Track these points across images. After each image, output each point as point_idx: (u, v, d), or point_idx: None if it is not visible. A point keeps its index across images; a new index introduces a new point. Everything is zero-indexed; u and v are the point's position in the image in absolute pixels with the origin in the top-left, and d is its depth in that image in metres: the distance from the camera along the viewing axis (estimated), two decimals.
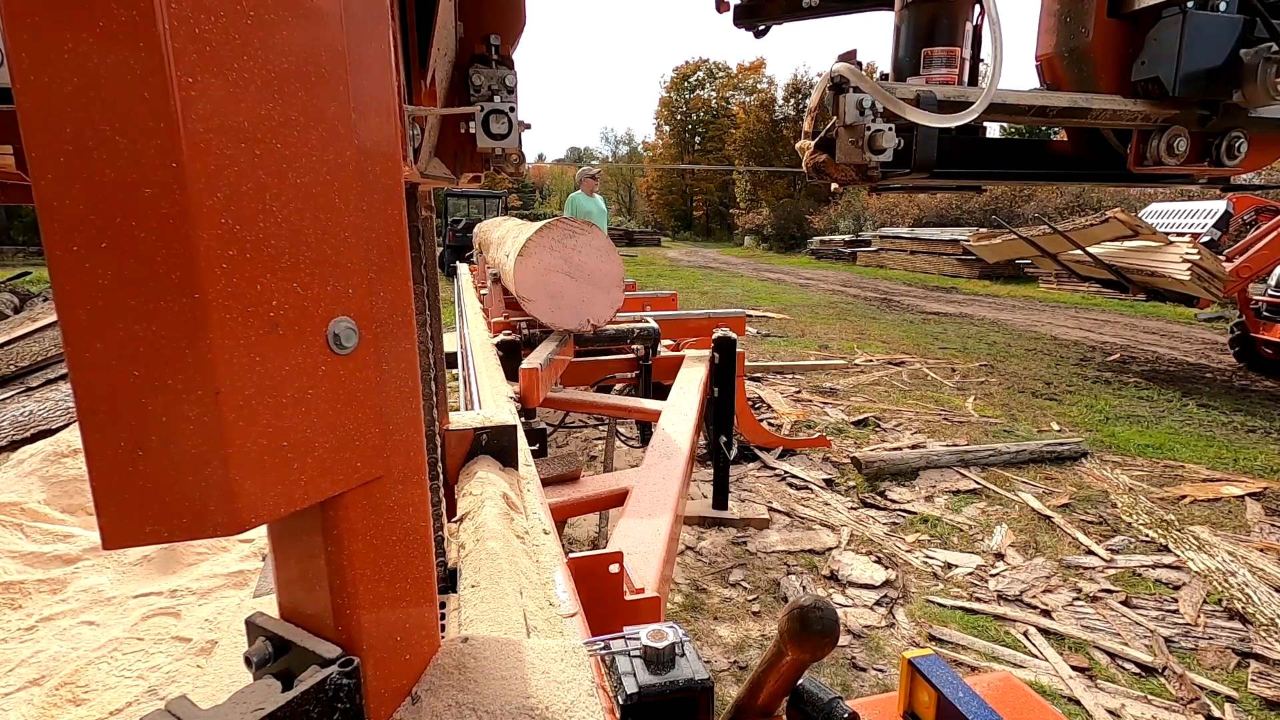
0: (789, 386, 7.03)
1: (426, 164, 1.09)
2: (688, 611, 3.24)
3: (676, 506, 1.85)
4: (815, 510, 4.27)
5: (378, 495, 0.59)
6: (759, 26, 2.36)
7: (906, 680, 0.84)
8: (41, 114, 0.40)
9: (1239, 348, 7.65)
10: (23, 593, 1.29)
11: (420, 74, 0.97)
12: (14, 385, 3.54)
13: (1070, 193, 17.75)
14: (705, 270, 20.85)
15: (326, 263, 0.51)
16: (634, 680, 0.68)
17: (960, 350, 8.97)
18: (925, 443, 5.34)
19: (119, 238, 0.42)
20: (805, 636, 0.72)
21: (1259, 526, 3.99)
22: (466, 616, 0.86)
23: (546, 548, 1.11)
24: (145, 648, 1.12)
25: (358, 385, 0.54)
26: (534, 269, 3.04)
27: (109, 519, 0.44)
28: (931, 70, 1.53)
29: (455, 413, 1.54)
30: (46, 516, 1.55)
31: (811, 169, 1.52)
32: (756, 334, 9.99)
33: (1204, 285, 6.82)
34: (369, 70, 0.53)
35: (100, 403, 0.43)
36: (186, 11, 0.41)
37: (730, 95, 48.22)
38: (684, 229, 48.46)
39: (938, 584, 3.46)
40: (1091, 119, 1.56)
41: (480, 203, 20.75)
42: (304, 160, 0.48)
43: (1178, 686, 2.68)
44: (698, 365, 3.55)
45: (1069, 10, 1.61)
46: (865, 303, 13.68)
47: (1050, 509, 4.20)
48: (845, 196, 26.64)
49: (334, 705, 0.56)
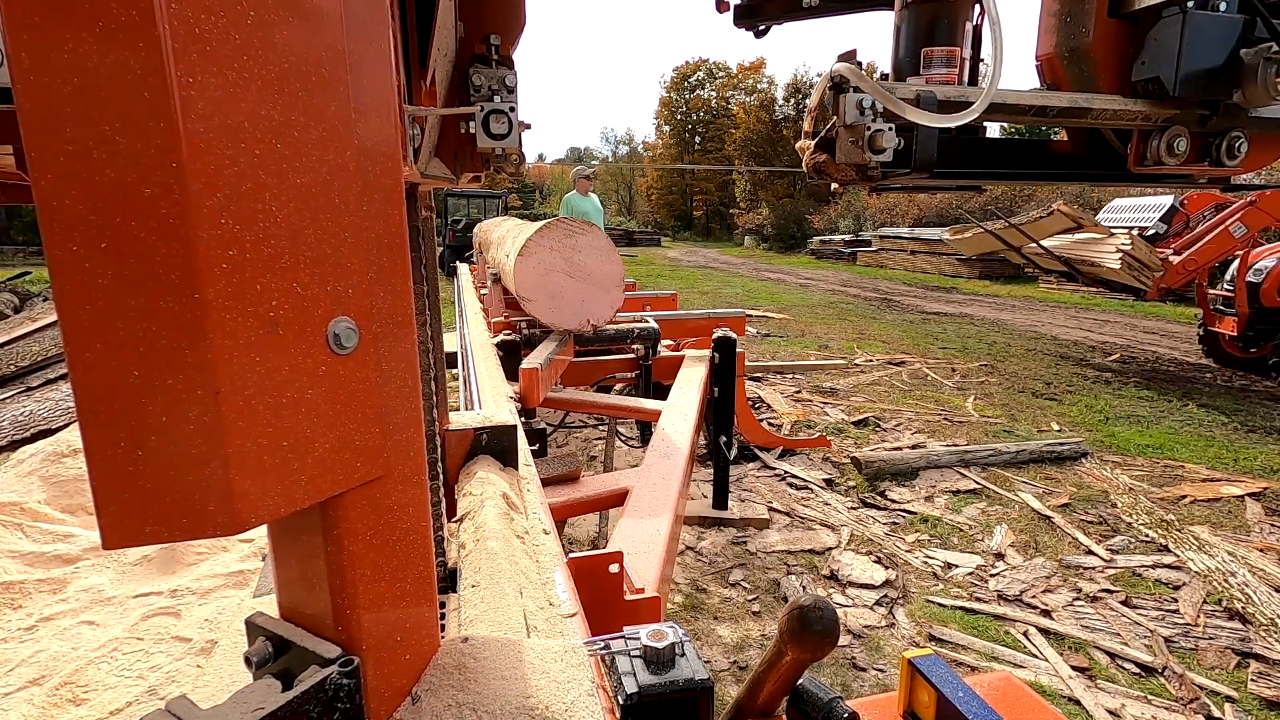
0: (789, 386, 7.03)
1: (426, 164, 1.09)
2: (688, 611, 3.24)
3: (676, 506, 1.85)
4: (815, 510, 4.27)
5: (378, 495, 0.59)
6: (759, 26, 2.36)
7: (906, 680, 0.84)
8: (41, 114, 0.40)
9: (1206, 344, 7.80)
10: (23, 593, 1.29)
11: (420, 74, 0.97)
12: (14, 385, 3.54)
13: (1070, 193, 17.75)
14: (705, 270, 20.85)
15: (326, 263, 0.51)
16: (634, 680, 0.68)
17: (960, 350, 8.97)
18: (925, 443, 5.34)
19: (119, 238, 0.42)
20: (805, 636, 0.72)
21: (1259, 526, 3.99)
22: (466, 616, 0.86)
23: (546, 548, 1.11)
24: (145, 648, 1.12)
25: (358, 385, 0.54)
26: (534, 269, 3.04)
27: (109, 519, 0.44)
28: (931, 70, 1.53)
29: (455, 413, 1.54)
30: (46, 516, 1.55)
31: (811, 169, 1.52)
32: (756, 334, 9.99)
33: (1134, 274, 7.27)
34: (369, 70, 0.53)
35: (100, 403, 0.43)
36: (186, 11, 0.41)
37: (730, 95, 48.21)
38: (684, 229, 48.45)
39: (938, 584, 3.46)
40: (1091, 119, 1.56)
41: (480, 203, 20.76)
42: (304, 160, 0.48)
43: (1178, 686, 2.68)
44: (698, 365, 3.55)
45: (1069, 10, 1.61)
46: (865, 303, 13.68)
47: (1050, 509, 4.20)
48: (845, 196, 26.63)
49: (334, 705, 0.56)
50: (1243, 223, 7.22)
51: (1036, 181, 2.62)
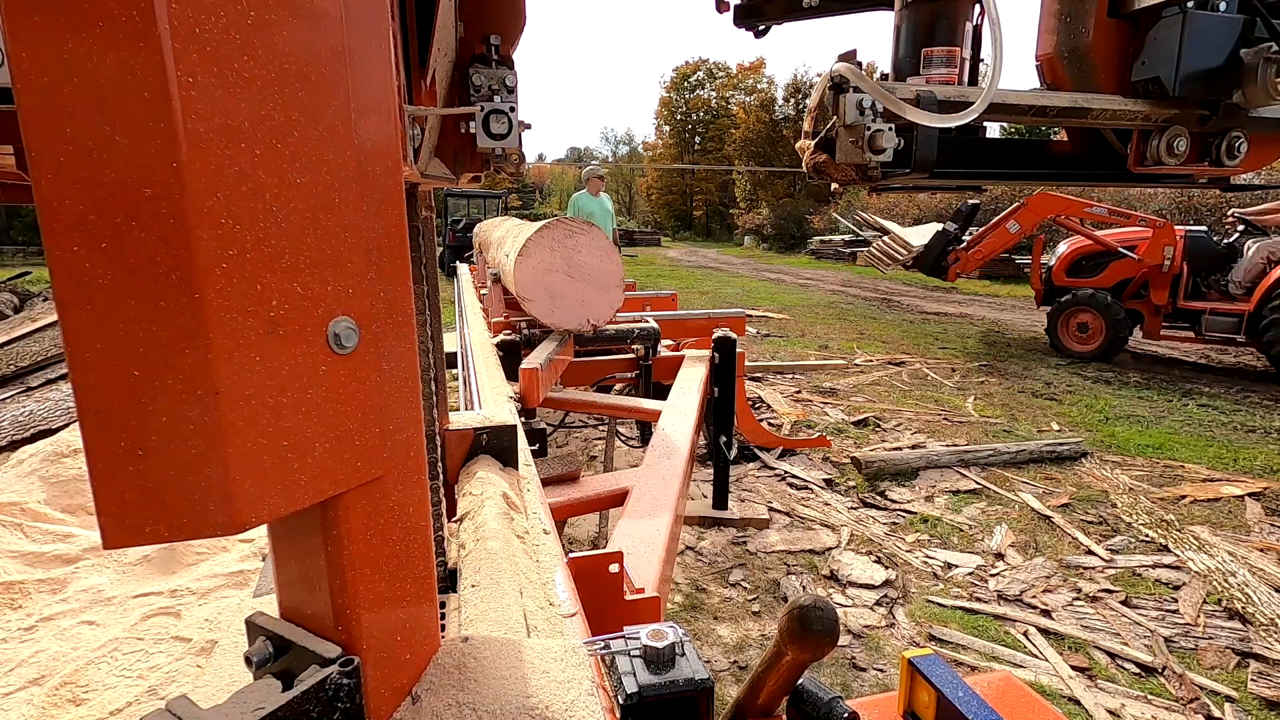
0: (789, 386, 7.03)
1: (426, 164, 1.09)
2: (688, 611, 3.24)
3: (676, 506, 1.85)
4: (815, 510, 4.27)
5: (378, 495, 0.59)
6: (759, 26, 2.36)
7: (906, 680, 0.84)
8: (41, 114, 0.40)
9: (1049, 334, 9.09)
10: (23, 593, 1.29)
11: (420, 74, 0.97)
12: (14, 385, 3.54)
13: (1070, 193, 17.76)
14: (705, 270, 20.85)
15: (326, 263, 0.51)
16: (634, 680, 0.68)
17: (960, 350, 8.97)
18: (925, 443, 5.34)
19: (119, 238, 0.42)
20: (805, 636, 0.71)
21: (1259, 526, 3.99)
22: (466, 616, 0.86)
23: (546, 547, 1.11)
24: (145, 648, 1.12)
25: (358, 385, 0.54)
26: (534, 269, 3.04)
27: (109, 519, 0.44)
28: (931, 70, 1.54)
29: (455, 413, 1.54)
30: (46, 516, 1.55)
31: (811, 169, 1.52)
32: (756, 334, 9.99)
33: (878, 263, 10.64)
34: (369, 70, 0.53)
35: (100, 403, 0.43)
36: (186, 11, 0.41)
37: (730, 95, 48.19)
38: (684, 229, 48.43)
39: (938, 584, 3.46)
40: (1091, 119, 1.56)
41: (480, 203, 20.75)
42: (304, 160, 0.48)
43: (1177, 686, 2.68)
44: (698, 365, 3.55)
45: (1069, 10, 1.61)
46: (865, 303, 13.68)
47: (1050, 509, 4.20)
48: (845, 196, 26.65)
49: (334, 705, 0.56)
50: (1016, 220, 8.77)
51: (1036, 181, 2.62)
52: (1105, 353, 8.29)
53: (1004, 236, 9.00)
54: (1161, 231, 7.95)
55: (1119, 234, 8.47)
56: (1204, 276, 7.95)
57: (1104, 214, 8.79)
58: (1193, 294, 7.97)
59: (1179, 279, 7.92)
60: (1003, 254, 10.24)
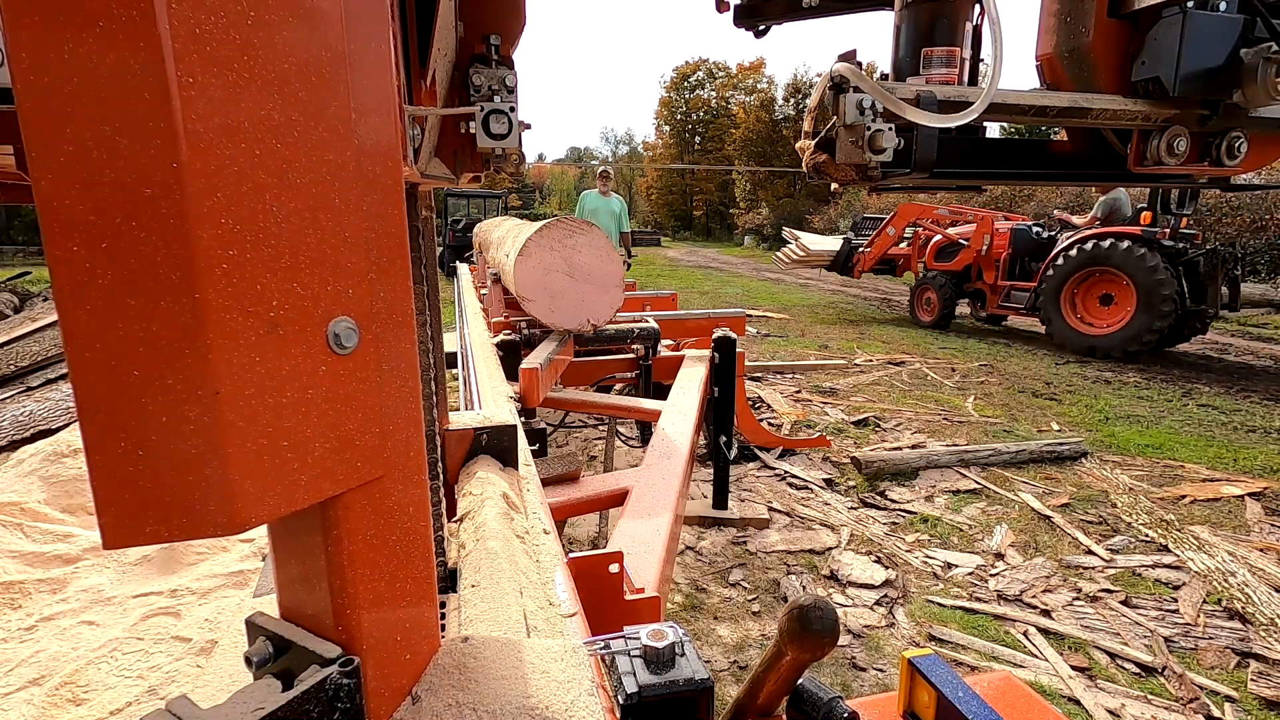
0: (789, 386, 7.03)
1: (426, 164, 1.09)
2: (688, 611, 3.24)
3: (676, 506, 1.85)
4: (815, 510, 4.27)
5: (378, 495, 0.59)
6: (759, 26, 2.36)
7: (906, 680, 0.84)
8: (41, 114, 0.40)
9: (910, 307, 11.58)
10: (23, 593, 1.29)
11: (420, 74, 0.97)
12: (14, 385, 3.54)
13: (1070, 192, 17.76)
14: (705, 270, 20.84)
15: (326, 263, 0.51)
16: (634, 680, 0.68)
17: (960, 350, 8.97)
18: (925, 442, 5.34)
19: (119, 238, 0.42)
20: (805, 636, 0.71)
21: (1259, 526, 3.99)
22: (466, 616, 0.86)
23: (546, 547, 1.11)
24: (145, 648, 1.12)
25: (358, 385, 0.54)
26: (534, 269, 3.04)
27: (109, 519, 0.44)
28: (931, 70, 1.54)
29: (455, 413, 1.54)
30: (46, 516, 1.55)
31: (811, 169, 1.52)
32: (756, 334, 9.99)
33: (780, 262, 14.00)
34: (369, 70, 0.53)
35: (100, 403, 0.43)
36: (186, 11, 0.41)
37: (730, 95, 48.20)
38: (684, 229, 48.45)
39: (938, 584, 3.46)
40: (1091, 119, 1.56)
41: (480, 203, 20.76)
42: (304, 160, 0.48)
43: (1177, 686, 2.68)
44: (698, 365, 3.55)
45: (1069, 10, 1.61)
46: (865, 303, 13.67)
47: (1050, 509, 4.20)
48: (845, 196, 26.66)
49: (334, 705, 0.56)
50: (893, 225, 11.54)
51: (1036, 181, 2.62)
52: (942, 321, 10.65)
53: (886, 239, 11.67)
54: (982, 223, 10.12)
55: (964, 229, 10.55)
56: (1026, 262, 9.81)
57: (945, 214, 11.20)
58: (1022, 276, 9.83)
59: (1011, 263, 9.88)
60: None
